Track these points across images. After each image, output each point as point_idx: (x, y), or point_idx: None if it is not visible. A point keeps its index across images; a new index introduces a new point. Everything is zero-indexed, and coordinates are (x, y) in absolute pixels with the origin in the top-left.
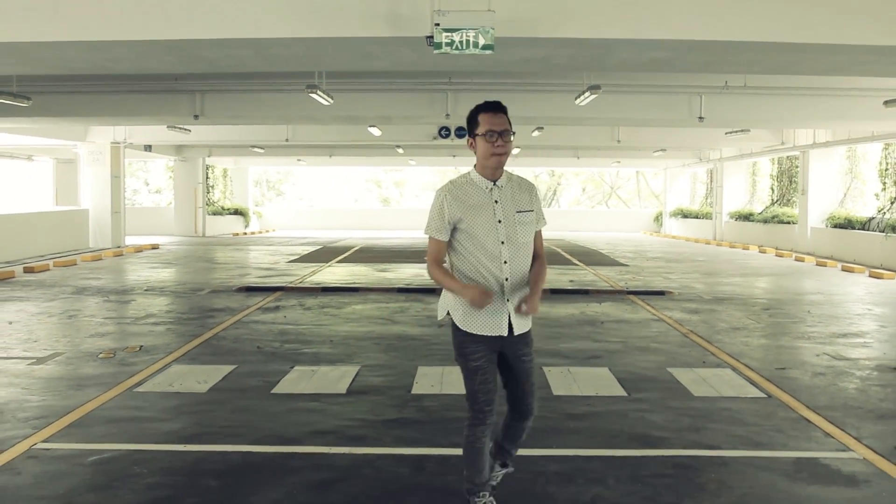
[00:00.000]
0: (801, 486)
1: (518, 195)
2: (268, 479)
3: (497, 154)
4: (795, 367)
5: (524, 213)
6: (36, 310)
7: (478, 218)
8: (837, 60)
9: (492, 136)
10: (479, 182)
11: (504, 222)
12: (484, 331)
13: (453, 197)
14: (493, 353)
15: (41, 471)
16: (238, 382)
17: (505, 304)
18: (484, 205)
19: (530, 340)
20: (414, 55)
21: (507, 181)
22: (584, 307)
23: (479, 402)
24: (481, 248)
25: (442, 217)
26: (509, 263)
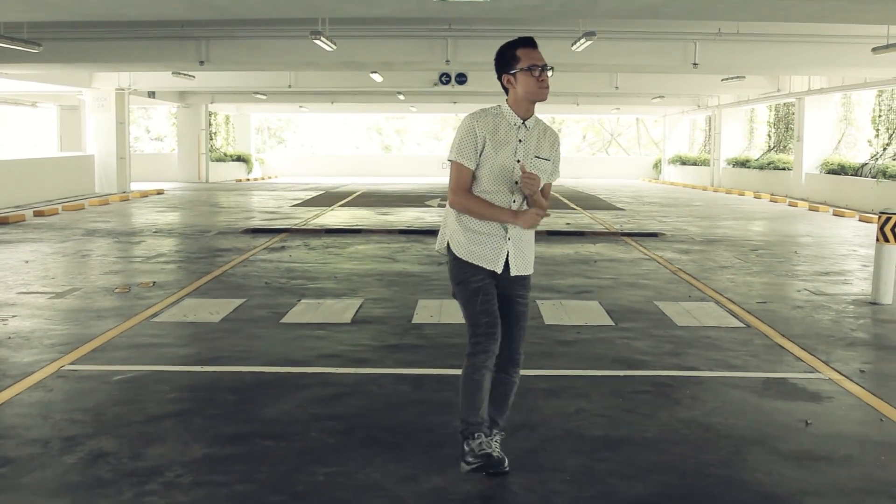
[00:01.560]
0: (767, 401)
1: (541, 141)
2: (280, 395)
3: (543, 88)
4: (776, 301)
5: (542, 160)
6: (49, 250)
7: (500, 151)
8: (822, 7)
9: (536, 70)
10: (510, 117)
11: (521, 163)
12: (482, 262)
13: (486, 123)
14: (493, 282)
15: (71, 388)
16: (248, 314)
17: (505, 243)
18: (509, 140)
19: (528, 285)
20: (415, 2)
21: (535, 124)
22: (579, 247)
23: (482, 324)
24: (494, 182)
25: (474, 140)
26: (517, 205)
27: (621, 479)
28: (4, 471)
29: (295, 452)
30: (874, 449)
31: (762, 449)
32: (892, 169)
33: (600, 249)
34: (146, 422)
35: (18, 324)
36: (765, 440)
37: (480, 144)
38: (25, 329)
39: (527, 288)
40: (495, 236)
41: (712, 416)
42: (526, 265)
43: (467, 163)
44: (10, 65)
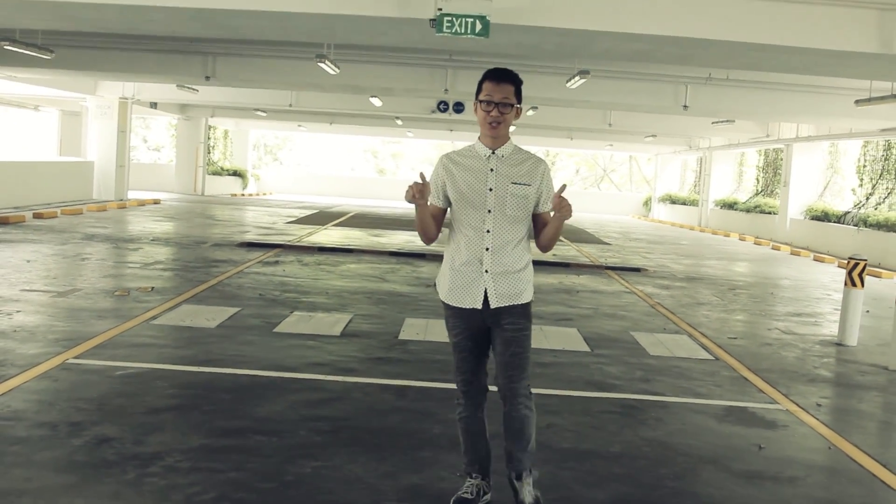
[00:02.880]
0: (726, 426)
1: (519, 168)
2: (271, 396)
3: (490, 122)
4: (746, 338)
5: (519, 185)
6: (50, 251)
7: (468, 184)
8: (800, 60)
9: (488, 106)
10: (479, 149)
11: (495, 191)
12: (460, 303)
13: (450, 160)
14: (473, 331)
15: (75, 379)
16: (243, 322)
17: (482, 276)
18: (478, 171)
19: (521, 312)
20: (418, 34)
21: (513, 153)
22: (563, 278)
23: (458, 381)
24: (467, 213)
25: (435, 180)
26: (492, 233)
27: (583, 486)
28: (17, 448)
29: (285, 447)
30: (819, 472)
31: (715, 467)
32: (872, 218)
33: (583, 281)
34: (147, 413)
35: (23, 318)
36: (719, 460)
37: (441, 183)
38: (30, 324)
39: (516, 315)
40: (474, 270)
41: (673, 436)
42: (512, 296)
43: (432, 199)
44: (21, 68)
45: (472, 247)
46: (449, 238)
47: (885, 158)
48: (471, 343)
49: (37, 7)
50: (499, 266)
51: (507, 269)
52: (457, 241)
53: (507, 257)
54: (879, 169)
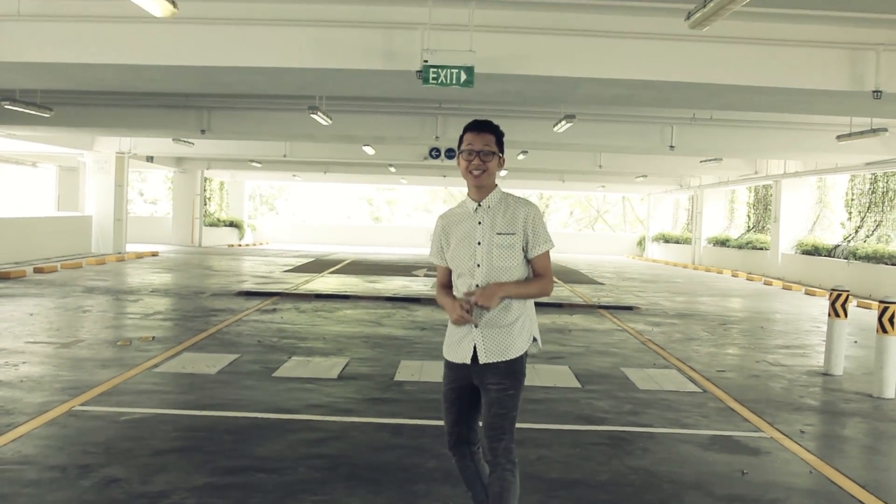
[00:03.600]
0: (711, 454)
1: (503, 217)
2: (272, 437)
3: (471, 171)
4: (734, 370)
5: (504, 235)
6: (52, 305)
7: (459, 241)
8: (776, 100)
9: (469, 156)
10: (468, 204)
11: (483, 244)
12: (453, 357)
13: (444, 221)
14: (460, 384)
15: (82, 425)
16: (242, 367)
17: (472, 331)
18: (468, 226)
19: (506, 372)
20: (406, 85)
21: (499, 202)
22: (556, 318)
23: (446, 431)
24: (460, 269)
25: (437, 241)
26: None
27: None
28: (29, 490)
29: (286, 484)
30: (799, 495)
31: (699, 492)
32: (861, 250)
33: (576, 320)
34: (152, 455)
35: (29, 369)
36: (703, 485)
37: (439, 243)
38: (36, 374)
39: (501, 374)
40: (463, 327)
41: (659, 464)
42: (500, 353)
43: (437, 261)
44: (21, 127)
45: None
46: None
47: (871, 192)
48: (454, 395)
49: (38, 69)
50: (489, 321)
51: (495, 323)
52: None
53: (495, 311)
54: (867, 202)
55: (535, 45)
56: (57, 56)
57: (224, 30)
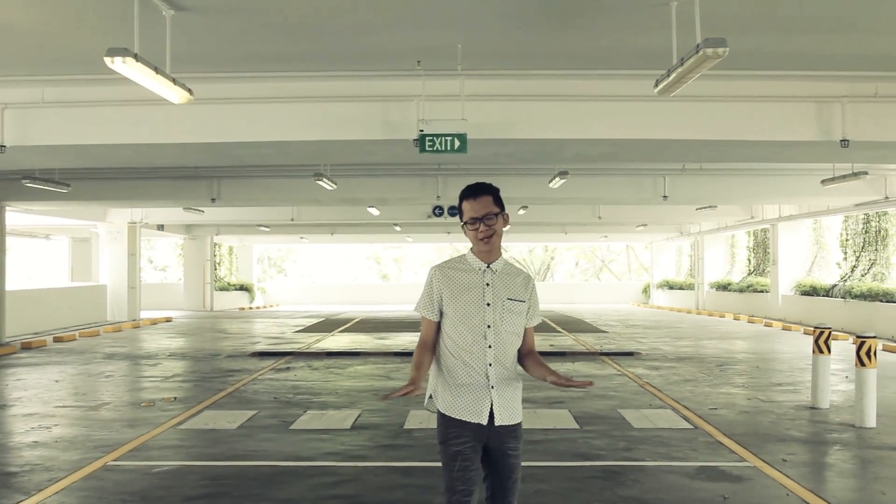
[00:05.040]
0: (696, 483)
1: (512, 283)
2: (293, 481)
3: (481, 239)
4: (726, 408)
5: (516, 301)
6: (75, 371)
7: (466, 298)
8: (752, 152)
9: (474, 224)
10: (473, 263)
11: (493, 306)
12: (466, 416)
13: (443, 275)
14: (477, 443)
15: (118, 478)
16: (261, 422)
17: (489, 392)
18: (474, 286)
19: (519, 435)
20: (405, 152)
21: (504, 267)
22: (559, 366)
23: (457, 492)
24: (466, 329)
25: (430, 294)
26: (494, 348)
27: None
28: None
29: None
30: None
31: None
32: (856, 289)
33: (578, 367)
34: (184, 500)
35: (61, 431)
36: None
37: (437, 296)
38: (68, 435)
39: (517, 438)
40: (478, 386)
41: (647, 493)
42: (512, 414)
43: (427, 314)
44: (38, 202)
45: (475, 361)
46: (440, 349)
47: (865, 231)
48: (472, 453)
49: (62, 150)
50: (503, 382)
51: (509, 384)
52: (455, 356)
53: (508, 372)
54: (861, 242)
55: (522, 111)
56: (79, 138)
57: (234, 108)
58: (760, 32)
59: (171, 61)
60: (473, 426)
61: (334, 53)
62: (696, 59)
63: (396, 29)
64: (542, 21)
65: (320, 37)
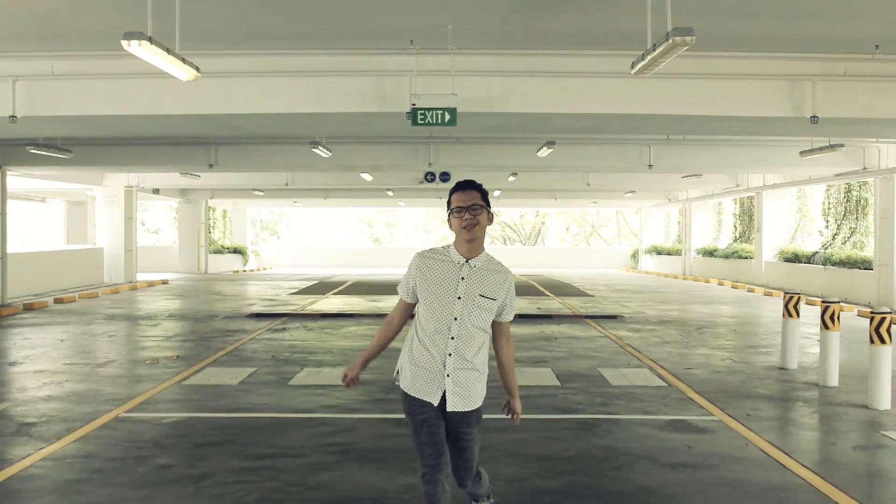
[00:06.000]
0: (664, 434)
1: (488, 281)
2: (292, 431)
3: (464, 227)
4: (700, 368)
5: (487, 299)
6: (78, 331)
7: (439, 288)
8: (728, 126)
9: (460, 212)
10: (454, 255)
11: (463, 300)
12: (420, 395)
13: (423, 262)
14: (438, 413)
15: (131, 428)
16: (261, 378)
17: (444, 379)
18: (449, 278)
19: (474, 420)
20: (398, 124)
21: (485, 264)
22: (544, 327)
23: (427, 455)
24: (433, 318)
25: (408, 278)
26: (456, 340)
27: (541, 478)
28: (98, 476)
29: (307, 465)
30: (733, 461)
31: (649, 461)
32: (835, 257)
33: (563, 329)
34: (194, 447)
35: (72, 386)
36: (653, 456)
37: (412, 282)
38: (80, 390)
39: (471, 424)
40: (434, 372)
41: (619, 442)
42: (466, 402)
43: (402, 294)
44: (39, 167)
45: (435, 349)
46: (412, 329)
47: (846, 200)
48: (438, 421)
49: (70, 121)
50: (459, 371)
51: (466, 374)
52: (420, 340)
53: (467, 363)
54: (842, 210)
55: (509, 87)
56: (87, 109)
57: (236, 82)
58: (733, 16)
59: (179, 39)
60: (426, 403)
61: (332, 32)
62: (667, 45)
63: (391, 10)
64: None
65: (319, 17)
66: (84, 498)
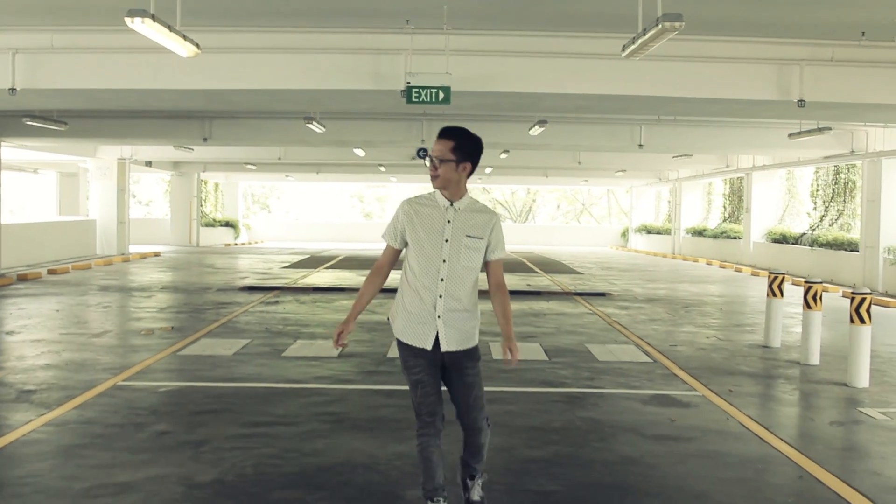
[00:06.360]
0: (649, 407)
1: (473, 221)
2: (286, 400)
3: (433, 176)
4: (685, 345)
5: (473, 238)
6: (73, 302)
7: (426, 233)
8: (717, 108)
9: (431, 161)
10: (439, 200)
11: (451, 242)
12: (413, 342)
13: (410, 207)
14: (433, 367)
15: (129, 396)
16: (255, 350)
17: (435, 320)
18: (436, 221)
19: (476, 356)
20: (392, 101)
21: (469, 205)
22: (534, 304)
23: (422, 413)
24: (423, 261)
25: (395, 224)
26: (446, 282)
27: (527, 448)
28: (99, 440)
29: (301, 432)
30: (713, 434)
31: (633, 433)
32: (822, 238)
33: (552, 306)
34: (191, 415)
35: (70, 355)
36: (636, 428)
37: (401, 227)
38: (77, 359)
39: (473, 359)
40: (426, 315)
41: (604, 415)
42: (460, 342)
43: (389, 240)
44: (34, 139)
45: (426, 292)
46: (402, 276)
47: (834, 182)
48: (430, 378)
49: (67, 94)
50: (450, 312)
51: (457, 315)
52: (412, 285)
53: (458, 304)
54: (830, 193)
55: (502, 66)
56: (85, 83)
57: (233, 57)
58: (723, 1)
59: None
60: (421, 351)
61: (329, 10)
62: (656, 31)
63: None
64: None
65: None
66: (87, 461)
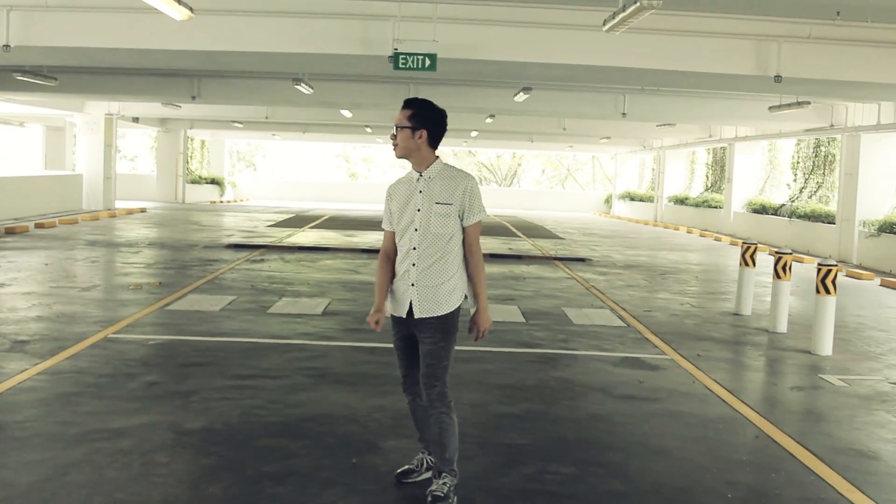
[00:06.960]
0: (619, 369)
1: (444, 186)
2: (272, 355)
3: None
4: (659, 311)
5: (442, 205)
6: (62, 256)
7: (400, 206)
8: (697, 81)
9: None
10: (412, 174)
11: (422, 211)
12: (394, 312)
13: (391, 190)
14: (404, 335)
15: (119, 348)
16: (241, 306)
17: (409, 289)
18: (409, 194)
19: (437, 326)
20: (380, 66)
21: (440, 172)
22: (514, 267)
23: (400, 375)
24: (399, 234)
25: (385, 209)
26: (418, 251)
27: (500, 404)
28: (92, 389)
29: (286, 385)
30: (678, 395)
31: (602, 393)
32: (801, 210)
33: (532, 270)
34: (179, 367)
35: (61, 308)
36: (606, 388)
37: (386, 210)
38: (68, 311)
39: (433, 328)
40: (403, 285)
41: (575, 375)
42: (430, 308)
43: (385, 226)
44: (23, 93)
45: (403, 262)
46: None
47: (815, 155)
48: (402, 344)
49: (61, 51)
50: (422, 280)
51: (429, 283)
52: (395, 263)
53: (429, 271)
54: (811, 165)
55: (488, 35)
56: (79, 41)
57: (225, 19)
58: None
59: None
60: (398, 319)
61: None
62: (636, 8)
63: None
64: None
65: None
66: (82, 408)
